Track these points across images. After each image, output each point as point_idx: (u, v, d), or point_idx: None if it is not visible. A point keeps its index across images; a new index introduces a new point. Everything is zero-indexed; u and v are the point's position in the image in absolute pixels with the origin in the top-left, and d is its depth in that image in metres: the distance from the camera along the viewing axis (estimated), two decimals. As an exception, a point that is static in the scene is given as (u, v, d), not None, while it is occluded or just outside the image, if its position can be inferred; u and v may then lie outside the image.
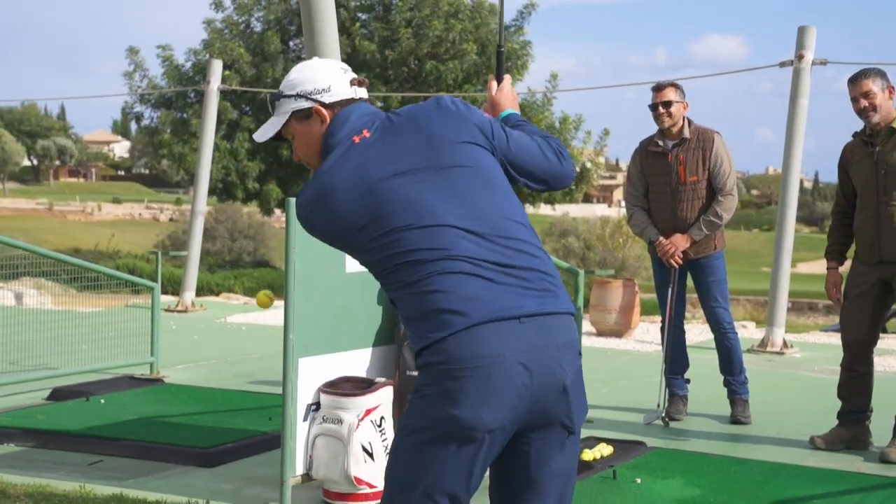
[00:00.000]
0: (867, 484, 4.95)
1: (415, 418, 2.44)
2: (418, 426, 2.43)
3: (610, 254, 23.86)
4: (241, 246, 32.32)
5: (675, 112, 6.11)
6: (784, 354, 9.19)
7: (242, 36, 23.41)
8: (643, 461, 5.23)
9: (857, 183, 5.62)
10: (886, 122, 5.46)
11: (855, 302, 5.62)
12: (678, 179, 6.12)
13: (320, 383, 4.63)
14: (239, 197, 23.17)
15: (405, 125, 2.58)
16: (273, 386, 7.17)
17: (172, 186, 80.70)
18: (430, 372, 2.41)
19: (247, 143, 22.24)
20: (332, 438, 4.55)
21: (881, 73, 5.49)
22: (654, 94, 6.17)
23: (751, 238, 61.19)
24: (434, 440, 2.39)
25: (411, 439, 2.44)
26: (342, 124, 2.61)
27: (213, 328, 10.83)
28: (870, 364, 5.69)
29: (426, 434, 2.41)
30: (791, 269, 9.68)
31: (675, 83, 6.21)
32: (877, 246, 5.49)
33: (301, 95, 2.65)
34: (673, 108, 6.10)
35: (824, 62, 9.59)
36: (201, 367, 8.21)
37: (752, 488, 4.82)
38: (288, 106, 2.66)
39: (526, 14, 22.86)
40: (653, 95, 6.18)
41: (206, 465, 5.24)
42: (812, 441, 5.72)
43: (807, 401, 7.12)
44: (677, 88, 6.17)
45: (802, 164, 9.77)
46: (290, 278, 4.48)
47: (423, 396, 2.43)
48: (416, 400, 2.45)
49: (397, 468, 2.47)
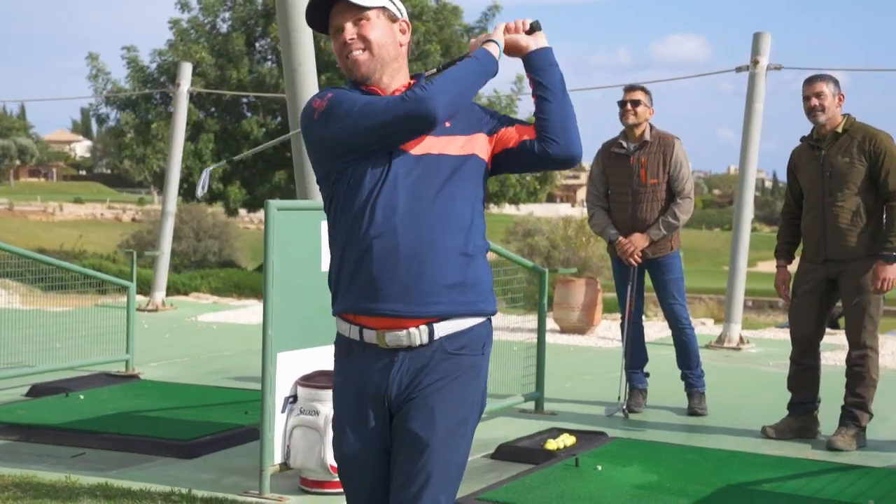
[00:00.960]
0: (814, 468, 5.25)
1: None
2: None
3: (573, 253, 24.21)
4: (207, 246, 32.36)
5: (640, 112, 6.40)
6: (741, 350, 9.53)
7: (208, 37, 23.47)
8: (604, 450, 5.50)
9: (804, 185, 5.92)
10: (832, 127, 5.77)
11: (803, 299, 5.92)
12: (639, 181, 6.39)
13: (297, 377, 4.86)
14: (205, 198, 23.23)
15: None
16: (246, 381, 7.38)
17: (135, 186, 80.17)
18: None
19: (211, 144, 22.32)
20: (308, 429, 4.78)
21: (835, 81, 5.81)
22: (626, 92, 6.47)
23: (712, 237, 61.84)
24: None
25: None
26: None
27: (185, 327, 11.01)
28: (817, 357, 6.00)
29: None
30: (751, 268, 10.05)
31: (645, 88, 6.50)
32: (822, 245, 5.80)
33: (392, 2, 2.71)
34: (640, 108, 6.39)
35: (779, 67, 9.93)
36: (175, 365, 8.40)
37: (706, 475, 5.10)
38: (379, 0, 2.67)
39: (490, 15, 23.17)
40: (624, 93, 6.47)
41: (185, 456, 5.43)
42: (764, 431, 6.02)
43: (760, 393, 7.43)
44: (647, 93, 6.47)
45: (762, 164, 10.24)
46: (269, 277, 4.70)
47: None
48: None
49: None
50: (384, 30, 2.66)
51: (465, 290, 2.60)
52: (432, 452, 2.58)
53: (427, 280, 2.56)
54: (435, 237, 2.56)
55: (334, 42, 2.69)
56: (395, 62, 2.68)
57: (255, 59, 23.41)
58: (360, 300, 2.61)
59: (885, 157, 5.64)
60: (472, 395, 2.66)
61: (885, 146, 5.66)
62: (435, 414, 2.59)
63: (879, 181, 5.65)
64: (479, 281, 2.64)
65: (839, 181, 5.71)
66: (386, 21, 2.66)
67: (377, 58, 2.66)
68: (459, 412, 2.62)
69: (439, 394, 2.60)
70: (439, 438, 2.58)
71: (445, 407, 2.60)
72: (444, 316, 2.59)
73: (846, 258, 5.72)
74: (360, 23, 2.65)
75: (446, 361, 2.61)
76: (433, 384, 2.60)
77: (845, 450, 5.65)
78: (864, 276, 5.70)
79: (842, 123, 5.76)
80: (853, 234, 5.70)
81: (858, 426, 5.77)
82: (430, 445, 2.57)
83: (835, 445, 5.69)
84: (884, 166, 5.63)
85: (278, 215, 4.72)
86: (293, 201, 5.24)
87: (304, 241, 4.86)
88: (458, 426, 2.62)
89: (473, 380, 2.66)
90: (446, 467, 2.60)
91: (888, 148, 5.66)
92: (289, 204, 4.93)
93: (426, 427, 2.58)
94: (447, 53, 21.94)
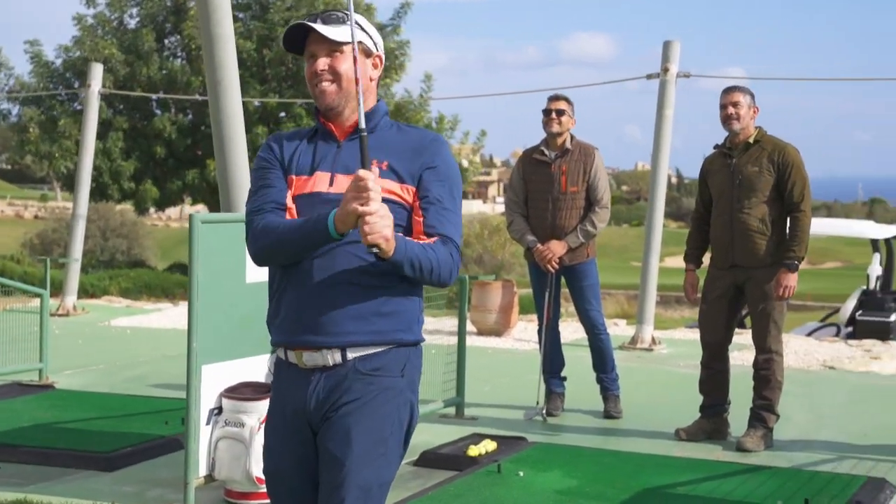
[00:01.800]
0: (725, 471, 5.45)
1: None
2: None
3: (489, 254, 24.43)
4: (115, 245, 31.77)
5: (564, 122, 6.55)
6: (653, 351, 9.77)
7: (115, 33, 23.04)
8: (525, 455, 5.62)
9: (715, 192, 6.14)
10: (745, 137, 5.99)
11: (712, 305, 6.13)
12: (560, 189, 6.53)
13: (222, 389, 4.87)
14: (115, 197, 22.82)
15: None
16: (165, 389, 7.33)
17: (37, 182, 78.17)
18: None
19: (120, 142, 21.92)
20: (234, 441, 4.79)
21: (752, 93, 6.04)
22: (550, 101, 6.61)
23: (621, 233, 62.78)
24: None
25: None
26: (380, 102, 2.81)
27: (98, 332, 10.83)
28: (726, 361, 6.22)
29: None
30: (659, 264, 10.26)
31: (569, 98, 6.64)
32: (730, 251, 6.02)
33: (369, 36, 2.78)
34: (564, 118, 6.54)
35: (688, 75, 10.21)
36: (90, 372, 8.29)
37: (624, 478, 5.26)
38: (358, 33, 2.71)
39: (402, 13, 23.12)
40: (548, 102, 6.60)
41: (106, 469, 5.39)
42: (677, 433, 6.22)
43: (672, 394, 7.66)
44: (570, 103, 6.62)
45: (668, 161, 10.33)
46: (194, 289, 4.71)
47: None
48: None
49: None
50: (359, 67, 2.67)
51: (377, 320, 2.69)
52: (349, 472, 2.66)
53: (337, 312, 2.67)
54: (347, 270, 2.66)
55: (307, 67, 2.77)
56: (362, 95, 2.72)
57: (165, 55, 23.07)
58: (283, 334, 2.76)
59: (793, 169, 5.89)
60: (390, 416, 2.71)
61: (793, 159, 5.91)
62: (351, 434, 2.67)
63: (786, 192, 5.89)
64: (398, 311, 2.72)
65: (748, 189, 5.93)
66: (359, 56, 2.70)
67: (344, 91, 2.74)
68: (377, 433, 2.69)
69: (354, 415, 2.68)
70: (356, 458, 2.66)
71: (361, 428, 2.68)
72: (353, 344, 2.69)
73: (752, 265, 5.95)
74: (333, 55, 2.73)
75: (360, 382, 2.69)
76: (349, 404, 2.68)
77: (754, 450, 5.88)
78: (769, 283, 5.93)
79: (754, 134, 6.00)
80: (759, 242, 5.92)
81: (766, 427, 6.00)
82: (346, 465, 2.66)
83: (744, 446, 5.90)
84: (790, 178, 5.88)
85: (203, 228, 4.72)
86: (217, 214, 5.24)
87: (229, 254, 4.87)
88: (374, 446, 2.69)
89: (391, 400, 2.72)
90: (366, 486, 2.67)
91: (796, 161, 5.91)
92: (213, 217, 4.94)
93: (342, 447, 2.67)
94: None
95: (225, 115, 5.47)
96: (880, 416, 7.03)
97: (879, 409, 7.30)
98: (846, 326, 11.16)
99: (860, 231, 11.50)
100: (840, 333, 11.09)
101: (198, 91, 22.13)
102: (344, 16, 2.72)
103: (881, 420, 6.85)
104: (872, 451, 5.94)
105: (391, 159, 2.72)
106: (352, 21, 2.67)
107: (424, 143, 2.76)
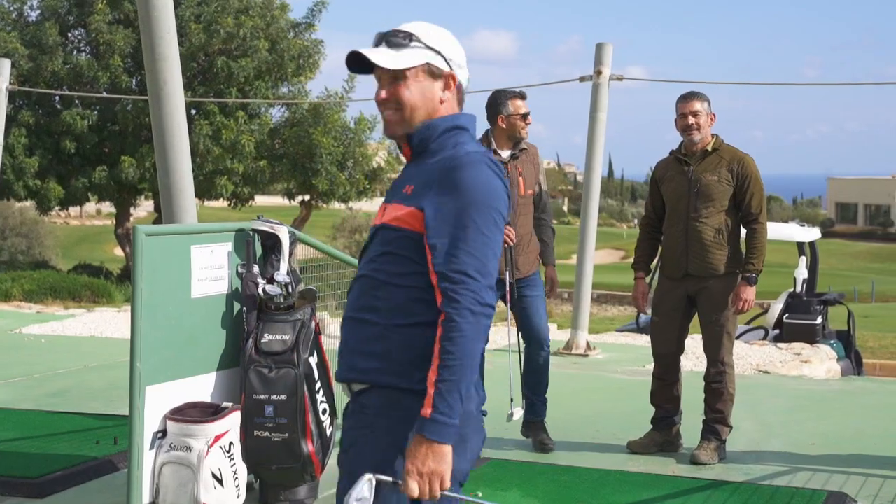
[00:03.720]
0: (686, 486, 5.32)
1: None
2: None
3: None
4: (14, 244, 30.73)
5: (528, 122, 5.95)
6: (588, 356, 9.67)
7: (16, 26, 22.22)
8: (481, 473, 5.41)
9: (669, 198, 6.00)
10: (703, 145, 5.88)
11: (664, 317, 6.01)
12: (518, 192, 5.90)
13: (166, 410, 4.58)
14: (20, 195, 21.98)
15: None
16: (91, 403, 6.96)
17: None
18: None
19: (23, 138, 21.14)
20: (180, 466, 4.52)
21: (708, 99, 5.90)
22: (522, 102, 5.95)
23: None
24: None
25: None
26: (471, 121, 2.63)
27: (9, 341, 10.29)
28: (678, 372, 6.12)
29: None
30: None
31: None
32: (684, 260, 5.90)
33: (439, 53, 2.57)
34: (529, 118, 5.94)
35: (620, 78, 10.14)
36: (7, 387, 7.81)
37: (585, 496, 5.10)
38: (422, 54, 2.55)
39: (317, 11, 22.80)
40: (520, 104, 5.92)
41: (35, 495, 5.05)
42: (629, 446, 6.09)
43: (617, 404, 7.54)
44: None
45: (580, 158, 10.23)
46: (137, 307, 4.42)
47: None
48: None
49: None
50: (420, 91, 2.56)
51: (366, 358, 2.57)
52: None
53: (346, 346, 2.65)
54: (357, 304, 2.62)
55: (376, 90, 2.63)
56: (430, 118, 2.59)
57: (69, 49, 22.34)
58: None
59: (751, 180, 5.80)
60: (364, 456, 2.56)
61: (751, 170, 5.82)
62: (349, 456, 2.64)
63: (743, 203, 5.81)
64: (390, 351, 2.54)
65: (706, 198, 5.81)
66: (425, 80, 2.55)
67: (407, 119, 2.59)
68: (359, 467, 2.55)
69: (355, 444, 2.64)
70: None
71: (351, 457, 2.63)
72: (350, 380, 2.65)
73: (706, 275, 5.85)
74: (396, 82, 2.57)
75: (354, 415, 2.65)
76: (351, 429, 2.65)
77: (708, 463, 5.78)
78: (723, 294, 5.84)
79: (712, 142, 5.89)
80: (715, 252, 5.82)
81: (719, 439, 5.92)
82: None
83: (698, 459, 5.81)
84: (749, 189, 5.79)
85: (147, 241, 4.43)
86: (162, 226, 4.94)
87: (174, 268, 4.59)
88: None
89: (368, 441, 2.58)
90: None
91: (754, 172, 5.83)
92: (157, 229, 4.65)
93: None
94: (274, 49, 21.52)
95: (168, 120, 5.12)
96: (822, 424, 7.02)
97: (820, 416, 7.30)
98: (773, 329, 11.25)
99: (787, 234, 11.59)
100: (768, 336, 11.17)
101: (104, 87, 21.53)
102: (410, 35, 2.53)
103: (824, 428, 6.84)
104: (822, 461, 5.90)
105: (416, 183, 2.55)
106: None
107: (437, 171, 2.54)
